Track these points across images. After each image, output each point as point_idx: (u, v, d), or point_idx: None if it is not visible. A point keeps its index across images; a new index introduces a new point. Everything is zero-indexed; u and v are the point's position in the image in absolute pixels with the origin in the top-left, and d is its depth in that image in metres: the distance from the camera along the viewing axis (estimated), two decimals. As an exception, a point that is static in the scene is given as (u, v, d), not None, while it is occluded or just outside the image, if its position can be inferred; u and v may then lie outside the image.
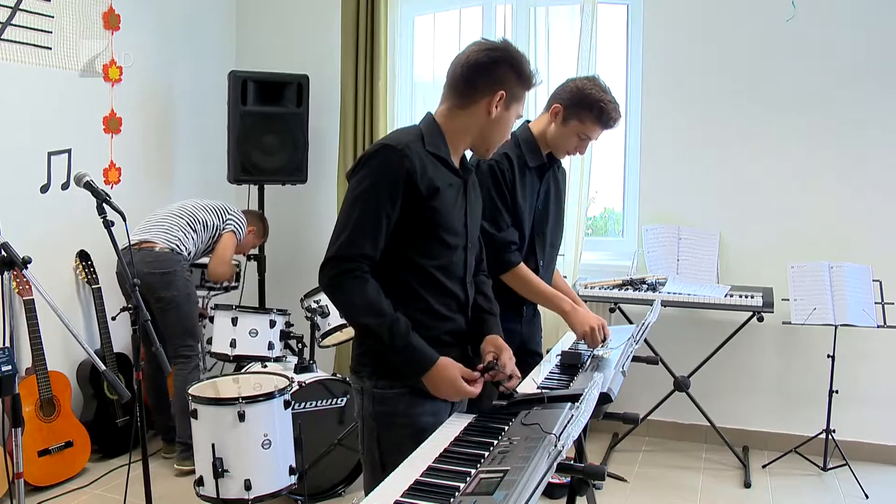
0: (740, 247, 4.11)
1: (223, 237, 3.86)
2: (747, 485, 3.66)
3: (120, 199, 2.71)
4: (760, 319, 3.73)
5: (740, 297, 3.71)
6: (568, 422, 1.53)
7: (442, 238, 1.89)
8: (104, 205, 2.63)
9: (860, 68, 3.86)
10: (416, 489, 1.40)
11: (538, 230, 2.67)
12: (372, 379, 1.91)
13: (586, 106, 2.53)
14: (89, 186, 2.65)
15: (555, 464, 1.40)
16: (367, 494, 1.60)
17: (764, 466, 3.86)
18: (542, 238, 2.69)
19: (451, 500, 1.34)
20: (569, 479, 2.92)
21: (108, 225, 2.60)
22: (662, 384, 4.03)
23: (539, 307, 2.81)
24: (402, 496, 1.37)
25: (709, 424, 4.00)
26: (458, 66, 1.92)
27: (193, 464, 2.93)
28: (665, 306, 3.70)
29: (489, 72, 1.89)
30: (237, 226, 3.91)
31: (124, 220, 2.64)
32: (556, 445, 1.42)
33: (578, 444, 2.32)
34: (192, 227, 3.79)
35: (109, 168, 4.11)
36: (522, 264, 2.57)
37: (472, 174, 2.02)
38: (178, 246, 3.70)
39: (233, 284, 4.21)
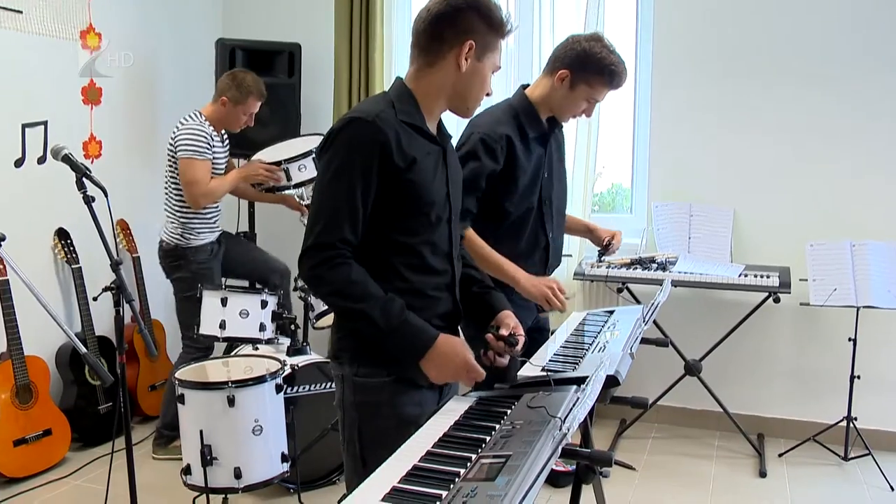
0: (755, 224, 4.10)
1: (180, 167, 3.68)
2: (762, 474, 3.68)
3: (101, 174, 2.70)
4: (777, 300, 3.72)
5: (755, 276, 3.71)
6: (573, 405, 1.53)
7: (424, 212, 1.85)
8: (84, 179, 2.61)
9: (886, 43, 3.82)
10: (414, 474, 1.40)
11: (545, 200, 2.67)
12: (352, 365, 1.89)
13: (596, 70, 2.53)
14: (68, 160, 2.64)
15: (559, 448, 1.40)
16: (348, 491, 1.59)
17: (780, 455, 3.88)
18: (549, 206, 2.69)
19: (451, 485, 1.34)
20: (574, 466, 2.94)
21: (88, 201, 2.59)
22: (673, 368, 4.04)
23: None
24: (399, 481, 1.37)
25: (721, 410, 4.01)
26: (420, 22, 1.87)
27: (171, 452, 2.92)
28: (676, 286, 3.70)
29: (454, 21, 1.83)
30: (189, 145, 3.63)
31: (106, 195, 2.63)
32: (560, 429, 1.42)
33: (584, 430, 2.32)
34: (168, 194, 3.78)
35: (89, 141, 4.09)
36: (471, 230, 2.55)
37: (450, 141, 1.99)
38: (165, 233, 3.80)
39: (281, 184, 3.76)
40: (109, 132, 4.20)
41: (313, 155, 3.67)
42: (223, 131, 3.88)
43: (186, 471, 2.87)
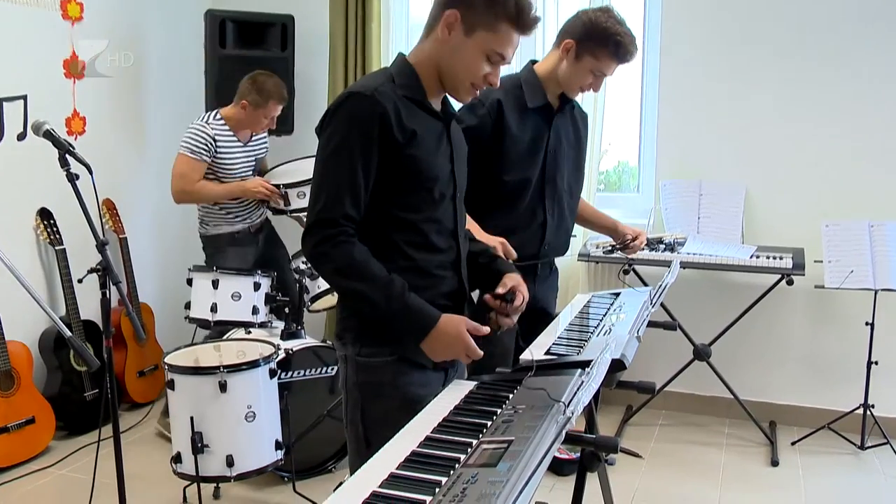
0: (768, 203, 4.10)
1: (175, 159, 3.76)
2: (774, 463, 3.70)
3: (85, 152, 2.68)
4: (790, 283, 3.72)
5: (768, 258, 3.72)
6: (578, 388, 1.54)
7: (426, 188, 1.87)
8: (67, 156, 2.60)
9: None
10: (412, 460, 1.41)
11: (548, 177, 2.67)
12: (356, 345, 1.91)
13: (601, 41, 2.52)
14: (49, 136, 2.62)
15: (563, 432, 1.41)
16: (352, 473, 1.61)
17: (793, 444, 3.90)
18: (553, 186, 2.69)
19: (451, 472, 1.35)
20: (578, 454, 2.95)
21: (72, 179, 2.57)
22: (681, 353, 4.06)
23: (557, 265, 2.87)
24: (397, 468, 1.38)
25: (732, 397, 4.03)
26: None
27: None
28: (684, 268, 3.70)
29: None
30: (186, 142, 3.70)
31: (90, 172, 2.62)
32: (564, 413, 1.43)
33: (589, 415, 2.34)
34: None
35: (73, 117, 4.08)
36: None
37: (454, 117, 2.00)
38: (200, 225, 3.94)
39: (280, 207, 3.82)
40: (94, 107, 4.19)
41: None
42: (254, 132, 3.92)
43: (176, 459, 2.89)
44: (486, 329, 1.85)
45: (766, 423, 4.11)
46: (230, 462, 2.83)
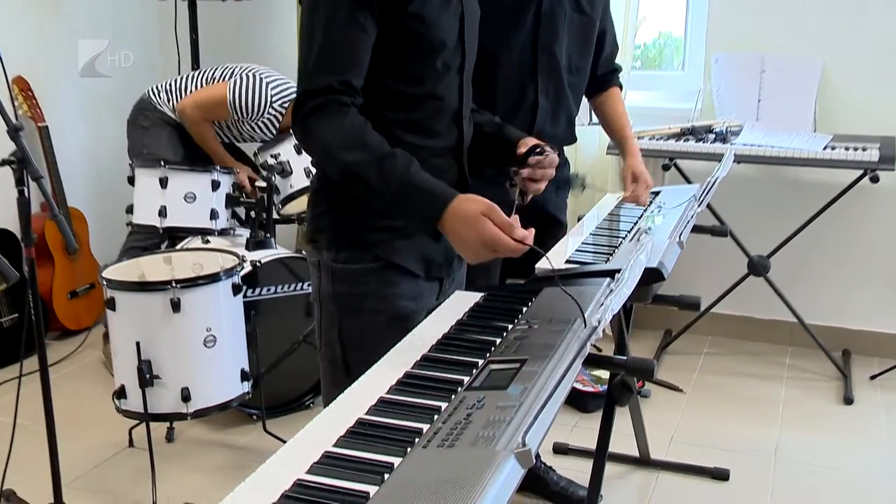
0: (850, 82, 4.07)
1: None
2: (848, 400, 3.77)
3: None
4: (875, 180, 3.69)
5: (846, 149, 3.69)
6: (605, 298, 1.57)
7: (430, 56, 1.86)
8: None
9: None
10: (406, 383, 1.45)
11: (543, 47, 2.64)
12: (331, 249, 1.93)
13: None
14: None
15: (587, 347, 1.46)
16: (325, 404, 1.63)
17: (872, 378, 3.97)
18: (548, 59, 2.66)
19: (453, 396, 1.39)
20: (605, 387, 3.03)
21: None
22: (733, 266, 4.11)
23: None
24: (388, 392, 1.42)
25: (795, 321, 4.09)
26: None
27: None
28: (739, 162, 3.71)
29: None
30: (241, 90, 3.91)
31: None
32: (586, 325, 1.47)
33: (619, 337, 2.39)
34: None
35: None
36: None
37: None
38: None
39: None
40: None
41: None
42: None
43: (120, 394, 2.91)
44: (522, 232, 1.65)
45: (837, 352, 4.17)
46: (186, 396, 2.86)
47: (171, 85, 4.00)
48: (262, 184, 3.64)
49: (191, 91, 3.94)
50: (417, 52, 1.86)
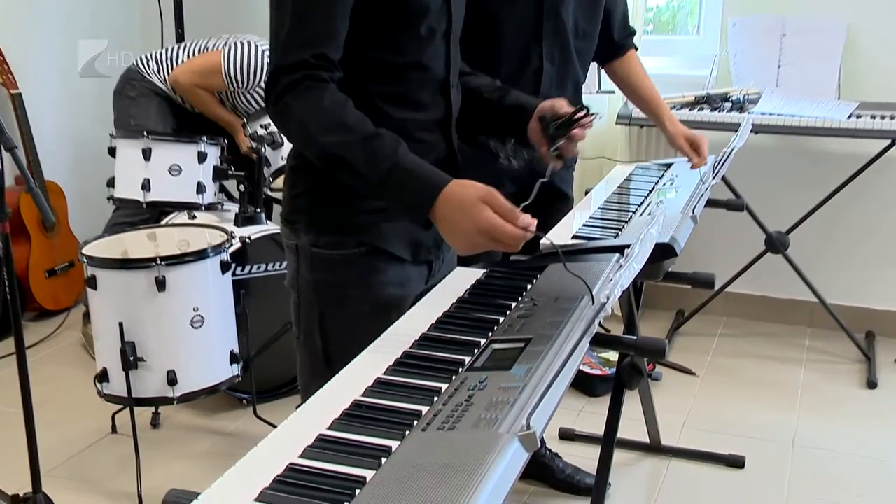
0: (876, 46, 4.07)
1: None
2: (872, 384, 3.79)
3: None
4: (900, 152, 3.73)
5: (872, 118, 3.69)
6: (613, 274, 1.59)
7: (413, 21, 1.83)
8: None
9: None
10: (405, 363, 1.47)
11: (548, 8, 2.63)
12: (310, 233, 1.91)
13: None
14: None
15: (595, 324, 1.47)
16: (303, 398, 1.62)
17: (897, 361, 4.00)
18: (554, 22, 2.65)
19: (454, 377, 1.40)
20: (614, 370, 3.05)
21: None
22: (750, 242, 4.12)
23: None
24: (385, 373, 1.43)
25: (816, 300, 4.11)
26: None
27: None
28: (756, 132, 3.72)
29: None
30: (235, 60, 3.94)
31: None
32: (594, 301, 1.48)
33: (628, 317, 2.41)
34: None
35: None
36: None
37: None
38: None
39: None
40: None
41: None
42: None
43: (102, 377, 2.93)
44: (527, 219, 1.58)
45: (860, 334, 4.19)
46: (172, 380, 2.88)
47: (160, 54, 4.02)
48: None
49: (183, 61, 3.96)
50: (399, 17, 1.82)
